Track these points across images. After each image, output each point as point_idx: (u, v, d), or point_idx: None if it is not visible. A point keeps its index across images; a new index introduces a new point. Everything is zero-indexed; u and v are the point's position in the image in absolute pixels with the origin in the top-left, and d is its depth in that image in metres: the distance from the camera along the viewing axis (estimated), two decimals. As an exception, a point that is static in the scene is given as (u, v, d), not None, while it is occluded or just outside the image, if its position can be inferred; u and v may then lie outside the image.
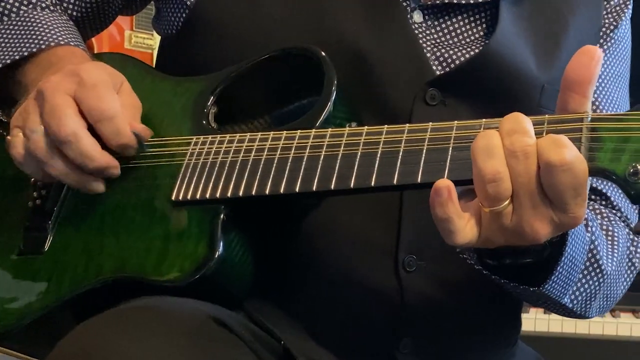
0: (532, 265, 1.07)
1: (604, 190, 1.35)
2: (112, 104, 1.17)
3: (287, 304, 1.24)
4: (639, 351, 2.67)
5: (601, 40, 1.38)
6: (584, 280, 1.23)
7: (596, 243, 1.25)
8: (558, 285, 1.13)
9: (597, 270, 1.25)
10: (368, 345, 1.25)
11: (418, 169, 1.02)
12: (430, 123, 1.05)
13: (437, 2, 1.27)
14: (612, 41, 1.39)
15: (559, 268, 1.10)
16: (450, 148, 1.02)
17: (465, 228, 0.97)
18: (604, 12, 1.38)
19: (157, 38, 3.15)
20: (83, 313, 1.10)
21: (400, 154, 1.04)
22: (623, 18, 1.40)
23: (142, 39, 3.46)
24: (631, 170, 0.92)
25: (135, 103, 1.24)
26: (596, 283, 1.26)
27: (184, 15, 1.33)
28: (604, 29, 1.38)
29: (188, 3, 1.32)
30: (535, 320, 2.63)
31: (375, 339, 1.25)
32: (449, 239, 0.98)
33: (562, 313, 1.28)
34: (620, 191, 1.17)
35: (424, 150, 1.03)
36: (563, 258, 1.09)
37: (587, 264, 1.23)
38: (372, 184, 1.05)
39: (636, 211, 1.37)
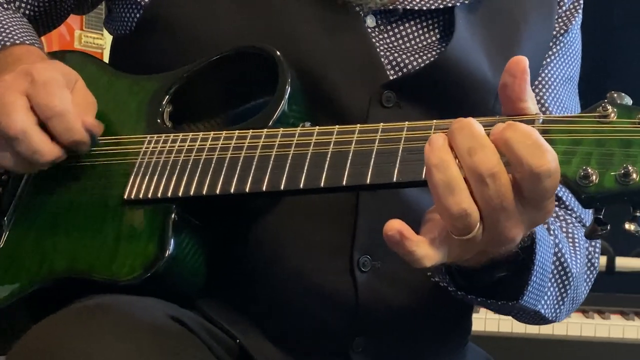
0: (506, 278, 1.07)
1: (557, 192, 1.34)
2: (62, 100, 1.16)
3: (242, 304, 1.24)
4: (588, 351, 2.68)
5: (551, 44, 1.39)
6: (554, 284, 1.23)
7: (560, 246, 1.25)
8: (533, 294, 1.14)
9: (563, 273, 1.25)
10: (322, 344, 1.25)
11: (367, 170, 1.02)
12: (382, 124, 1.05)
13: (390, 7, 1.27)
14: (562, 44, 1.40)
15: (532, 277, 1.10)
16: (401, 149, 1.01)
17: (430, 252, 0.95)
18: (556, 16, 1.40)
19: (108, 38, 3.14)
20: (39, 311, 1.10)
21: (350, 154, 1.04)
22: (573, 22, 1.41)
23: (92, 39, 3.44)
24: (582, 173, 0.92)
25: (89, 100, 1.23)
26: (566, 285, 1.26)
27: (137, 15, 1.33)
28: (554, 32, 1.39)
29: (142, 3, 1.31)
30: (485, 320, 2.64)
31: (330, 338, 1.25)
32: (416, 265, 0.95)
33: (535, 322, 1.28)
34: None
35: (374, 151, 1.03)
36: (535, 266, 1.10)
37: (554, 267, 1.23)
38: (322, 184, 1.05)
39: (590, 210, 1.38)
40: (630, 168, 0.89)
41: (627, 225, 0.92)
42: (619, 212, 0.94)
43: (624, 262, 3.04)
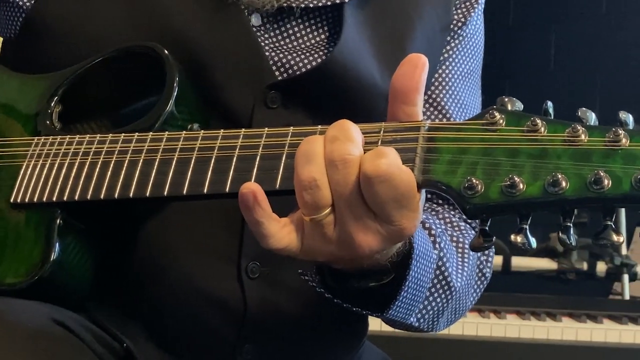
0: (377, 289, 1.05)
1: None
2: None
3: (130, 307, 1.23)
4: (484, 351, 2.70)
5: (449, 38, 1.36)
6: (431, 299, 1.22)
7: (444, 259, 1.23)
8: (403, 308, 1.12)
9: (446, 288, 1.23)
10: (210, 350, 1.24)
11: (251, 176, 1.00)
12: (266, 128, 1.03)
13: (275, 5, 1.25)
14: (461, 38, 1.38)
15: (402, 293, 1.08)
16: (284, 155, 1.00)
17: (280, 232, 0.95)
18: (454, 8, 1.37)
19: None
20: None
21: (234, 160, 1.02)
22: (473, 14, 1.38)
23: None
24: (466, 184, 0.89)
25: None
26: (444, 300, 1.24)
27: (20, 18, 1.30)
28: (452, 26, 1.37)
29: (24, 7, 1.29)
30: (381, 321, 2.63)
31: (218, 345, 1.24)
32: (262, 242, 0.96)
33: (407, 330, 1.27)
34: None
35: (258, 157, 1.01)
36: (407, 282, 1.07)
37: (435, 281, 1.21)
38: (205, 191, 1.03)
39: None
40: (516, 179, 0.87)
41: (513, 237, 0.90)
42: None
43: (520, 262, 3.07)
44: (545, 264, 3.06)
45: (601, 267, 3.05)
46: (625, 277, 3.04)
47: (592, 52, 4.60)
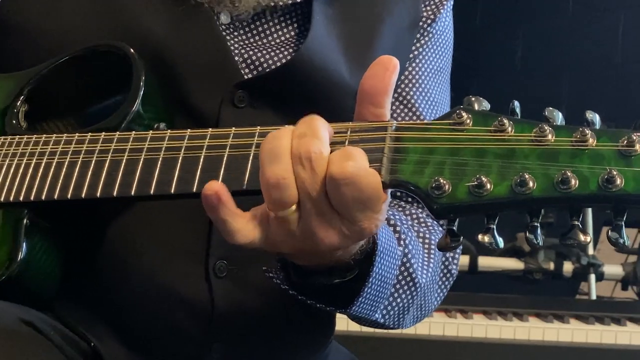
0: (341, 285, 1.05)
1: None
2: None
3: (96, 307, 1.22)
4: (452, 350, 2.71)
5: (418, 35, 1.36)
6: (395, 295, 1.21)
7: (409, 256, 1.23)
8: (367, 305, 1.12)
9: (410, 284, 1.23)
10: (179, 350, 1.23)
11: (218, 176, 1.00)
12: (234, 128, 1.02)
13: (251, 10, 1.24)
14: (430, 35, 1.37)
15: (366, 289, 1.08)
16: (251, 155, 0.99)
17: (245, 227, 0.95)
18: (423, 5, 1.36)
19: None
20: None
21: (201, 160, 1.02)
22: (442, 11, 1.38)
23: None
24: (434, 184, 0.89)
25: None
26: (409, 296, 1.24)
27: None
28: (421, 23, 1.36)
29: None
30: (348, 321, 2.63)
31: (187, 344, 1.23)
32: (228, 238, 0.96)
33: (374, 327, 1.27)
34: None
35: (225, 157, 1.01)
36: (371, 279, 1.07)
37: (400, 277, 1.21)
38: (172, 191, 1.02)
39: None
40: (483, 179, 0.87)
41: (480, 237, 0.90)
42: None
43: (486, 262, 3.08)
44: (512, 263, 3.07)
45: (568, 267, 3.06)
46: (592, 277, 3.05)
47: (559, 51, 4.62)
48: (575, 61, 4.51)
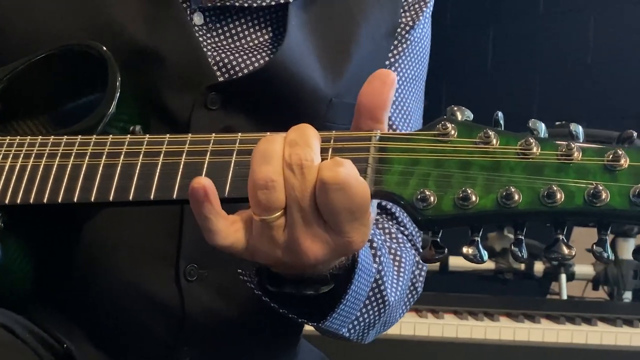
0: (313, 298, 1.04)
1: (389, 207, 1.32)
2: None
3: (69, 309, 1.22)
4: (422, 350, 2.71)
5: (396, 42, 1.35)
6: (364, 311, 1.21)
7: (382, 273, 1.22)
8: (338, 320, 1.11)
9: (380, 302, 1.23)
10: (149, 353, 1.23)
11: None
12: (214, 134, 1.01)
13: (218, 4, 1.23)
14: (408, 42, 1.36)
15: (341, 306, 1.08)
16: (232, 163, 0.98)
17: (227, 229, 0.95)
18: (401, 11, 1.35)
19: None
20: None
21: (181, 166, 1.01)
22: (421, 17, 1.37)
23: None
24: (419, 195, 0.89)
25: None
26: (377, 314, 1.24)
27: None
28: (399, 29, 1.35)
29: None
30: (319, 321, 2.63)
31: (156, 347, 1.23)
32: (208, 238, 0.95)
33: (336, 339, 1.26)
34: None
35: (205, 164, 1.00)
36: (347, 296, 1.07)
37: (371, 294, 1.20)
38: (152, 197, 1.01)
39: None
40: (469, 191, 0.88)
41: (465, 250, 0.90)
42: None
43: (457, 262, 3.08)
44: (483, 264, 3.07)
45: (539, 267, 3.08)
46: (563, 277, 3.06)
47: (530, 53, 4.64)
48: (546, 62, 4.52)
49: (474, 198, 0.87)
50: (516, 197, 0.86)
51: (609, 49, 4.38)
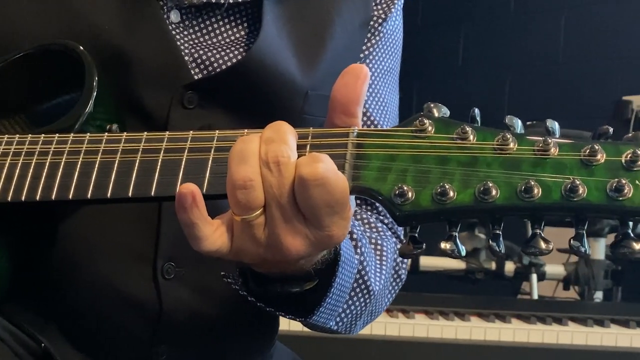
0: (300, 294, 1.05)
1: None
2: None
3: (46, 307, 1.21)
4: (393, 350, 2.71)
5: (369, 35, 1.36)
6: (350, 302, 1.22)
7: (365, 264, 1.24)
8: (325, 314, 1.12)
9: (365, 292, 1.24)
10: (126, 350, 1.23)
11: (176, 180, 0.99)
12: (191, 132, 1.02)
13: (195, 1, 1.23)
14: (381, 35, 1.37)
15: (327, 299, 1.09)
16: (210, 160, 0.99)
17: (213, 235, 0.95)
18: (373, 4, 1.36)
19: None
20: None
21: (159, 164, 1.01)
22: (393, 10, 1.38)
23: None
24: (397, 191, 0.90)
25: None
26: (363, 304, 1.25)
27: None
28: (372, 22, 1.36)
29: None
30: (289, 321, 2.62)
31: (133, 345, 1.23)
32: (195, 245, 0.95)
33: (326, 332, 1.27)
34: None
35: (183, 161, 1.00)
36: (332, 290, 1.08)
37: (355, 285, 1.22)
38: (130, 194, 1.01)
39: None
40: (447, 186, 0.88)
41: (442, 245, 0.91)
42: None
43: (428, 262, 3.09)
44: (453, 263, 3.09)
45: (509, 267, 3.09)
46: (534, 276, 3.08)
47: (501, 51, 4.66)
48: (517, 61, 4.55)
49: (451, 193, 0.88)
50: (494, 192, 0.87)
51: (579, 48, 4.41)
